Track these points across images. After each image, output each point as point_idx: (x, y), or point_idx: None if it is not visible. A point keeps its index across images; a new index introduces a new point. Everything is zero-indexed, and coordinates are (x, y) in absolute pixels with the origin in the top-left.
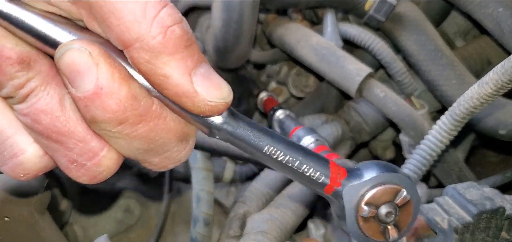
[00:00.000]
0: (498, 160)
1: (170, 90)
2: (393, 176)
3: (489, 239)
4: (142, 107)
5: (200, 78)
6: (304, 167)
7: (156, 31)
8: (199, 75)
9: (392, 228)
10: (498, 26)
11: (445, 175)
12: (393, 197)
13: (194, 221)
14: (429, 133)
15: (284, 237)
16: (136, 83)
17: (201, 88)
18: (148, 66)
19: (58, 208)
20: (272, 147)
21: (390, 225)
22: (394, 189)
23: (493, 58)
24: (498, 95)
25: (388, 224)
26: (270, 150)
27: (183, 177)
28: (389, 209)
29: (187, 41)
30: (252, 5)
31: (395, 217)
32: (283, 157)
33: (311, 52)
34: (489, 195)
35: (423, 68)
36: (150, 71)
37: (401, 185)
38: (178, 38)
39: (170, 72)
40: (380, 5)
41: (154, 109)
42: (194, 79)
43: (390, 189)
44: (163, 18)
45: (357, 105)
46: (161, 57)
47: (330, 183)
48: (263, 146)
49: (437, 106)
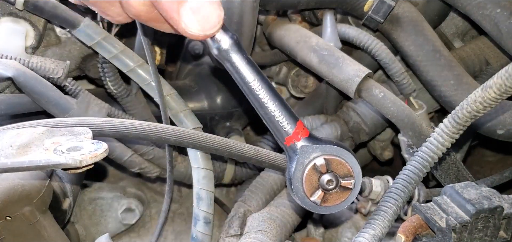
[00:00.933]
0: (496, 160)
1: (161, 10)
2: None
3: (487, 238)
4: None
5: (187, 10)
6: (276, 112)
7: None
8: (187, 8)
9: (320, 195)
10: (496, 27)
11: (443, 175)
12: (343, 175)
13: (194, 220)
14: (431, 135)
15: (284, 236)
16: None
17: (185, 17)
18: None
19: (59, 207)
20: (257, 83)
21: (322, 191)
22: (348, 170)
23: (491, 59)
24: (502, 100)
25: (322, 189)
26: (255, 85)
27: (183, 176)
28: (333, 179)
29: None
30: (252, 6)
31: (332, 189)
32: (262, 96)
33: (311, 53)
34: (487, 195)
35: (421, 69)
36: None
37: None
38: None
39: None
40: (379, 6)
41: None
42: (181, 10)
43: (346, 166)
44: None
45: (356, 106)
46: None
47: (291, 135)
48: (250, 79)
49: (435, 107)
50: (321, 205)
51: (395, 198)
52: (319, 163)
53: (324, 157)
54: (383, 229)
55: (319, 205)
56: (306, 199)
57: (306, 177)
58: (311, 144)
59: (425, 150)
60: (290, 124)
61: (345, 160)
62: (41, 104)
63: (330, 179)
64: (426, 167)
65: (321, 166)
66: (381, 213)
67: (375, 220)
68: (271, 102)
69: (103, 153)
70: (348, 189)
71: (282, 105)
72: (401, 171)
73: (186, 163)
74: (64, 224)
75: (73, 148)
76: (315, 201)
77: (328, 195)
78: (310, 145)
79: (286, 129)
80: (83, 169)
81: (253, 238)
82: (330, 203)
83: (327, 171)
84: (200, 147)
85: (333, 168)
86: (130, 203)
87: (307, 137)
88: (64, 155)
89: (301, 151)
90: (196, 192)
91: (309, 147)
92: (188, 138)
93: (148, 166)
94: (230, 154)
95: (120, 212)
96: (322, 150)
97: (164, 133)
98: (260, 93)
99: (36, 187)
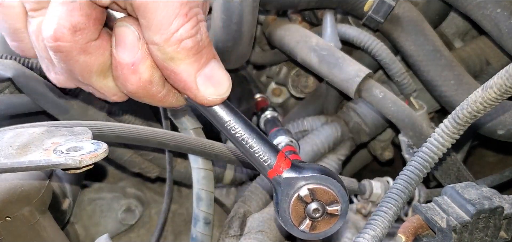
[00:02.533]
0: (496, 160)
1: (177, 83)
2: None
3: (488, 238)
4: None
5: (203, 78)
6: (256, 147)
7: (173, 42)
8: (202, 76)
9: (309, 223)
10: (497, 27)
11: (444, 175)
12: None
13: (194, 220)
14: (431, 136)
15: (283, 236)
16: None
17: (202, 86)
18: (162, 64)
19: (59, 207)
20: (233, 123)
21: (310, 220)
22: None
23: (491, 59)
24: (502, 100)
25: (309, 217)
26: (231, 125)
27: (183, 177)
28: (319, 207)
29: (196, 50)
30: (252, 6)
31: (318, 217)
32: (240, 134)
33: (311, 53)
34: (487, 195)
35: (422, 69)
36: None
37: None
38: (189, 49)
39: (179, 71)
40: (379, 6)
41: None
42: (197, 79)
43: (331, 194)
44: (181, 33)
45: (356, 106)
46: (173, 61)
47: (273, 169)
48: (226, 120)
49: (435, 107)
50: (310, 232)
51: (396, 199)
52: (303, 194)
53: (307, 187)
54: (383, 230)
55: (308, 233)
56: (294, 229)
57: (292, 207)
58: (294, 175)
59: (426, 150)
60: (271, 158)
61: (329, 187)
62: (40, 105)
63: (316, 208)
64: (427, 167)
65: (305, 196)
66: (382, 214)
67: (375, 220)
68: (249, 139)
69: (103, 153)
70: (336, 215)
71: (261, 139)
72: (401, 171)
73: (186, 163)
74: (63, 225)
75: (72, 148)
76: (303, 230)
77: (316, 222)
78: (294, 176)
79: (268, 163)
80: (83, 169)
81: (253, 239)
82: (319, 230)
83: (312, 200)
84: (200, 153)
85: (318, 197)
86: (129, 203)
87: (289, 167)
88: (63, 155)
89: (285, 183)
90: (196, 192)
91: (292, 178)
92: (187, 144)
93: (148, 166)
94: (230, 160)
95: (120, 212)
96: (305, 179)
97: (164, 138)
98: (236, 132)
99: (36, 187)
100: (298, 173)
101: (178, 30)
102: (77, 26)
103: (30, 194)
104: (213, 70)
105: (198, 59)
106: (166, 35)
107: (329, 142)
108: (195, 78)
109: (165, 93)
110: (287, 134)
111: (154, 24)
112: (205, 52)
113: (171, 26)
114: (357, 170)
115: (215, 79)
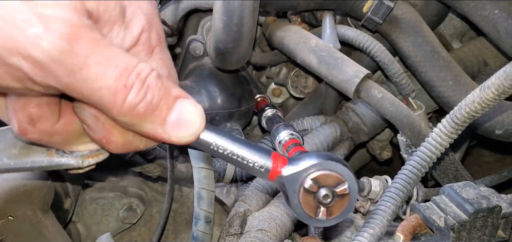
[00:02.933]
0: (494, 160)
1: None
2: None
3: (486, 237)
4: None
5: (171, 126)
6: (247, 158)
7: (125, 113)
8: (169, 124)
9: (324, 210)
10: (495, 28)
11: (442, 175)
12: (335, 185)
13: (195, 219)
14: (430, 135)
15: (283, 235)
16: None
17: (172, 132)
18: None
19: (61, 206)
20: (217, 143)
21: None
22: (337, 177)
23: (489, 60)
24: (500, 100)
25: (322, 205)
26: (216, 146)
27: (184, 176)
28: (328, 193)
29: (152, 109)
30: (252, 7)
31: (331, 202)
32: (228, 151)
33: (310, 54)
34: (485, 194)
35: (420, 70)
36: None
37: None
38: (146, 111)
39: (144, 131)
40: (378, 7)
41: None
42: (166, 128)
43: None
44: (129, 104)
45: (355, 106)
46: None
47: (271, 172)
48: (210, 143)
49: (433, 107)
50: (328, 219)
51: (394, 198)
52: (308, 185)
53: (310, 178)
54: (382, 229)
55: (326, 220)
56: (313, 220)
57: (302, 201)
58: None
59: (424, 150)
60: (266, 161)
61: (331, 170)
62: None
63: (325, 194)
64: (425, 167)
65: (310, 187)
66: (380, 213)
67: (374, 219)
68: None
69: (105, 153)
70: (346, 195)
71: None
72: (400, 170)
73: (187, 163)
74: (65, 224)
75: None
76: (321, 219)
77: (331, 207)
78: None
79: (264, 168)
80: (86, 170)
81: (253, 237)
82: (336, 213)
83: (318, 188)
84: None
85: (323, 183)
86: (131, 202)
87: (287, 164)
88: (66, 156)
89: (288, 181)
90: (196, 192)
91: (293, 174)
92: None
93: (149, 166)
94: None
95: (122, 211)
96: (306, 171)
97: None
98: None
99: (38, 186)
100: (297, 166)
101: (124, 103)
102: (33, 118)
103: (32, 193)
104: (179, 113)
105: (157, 114)
106: (116, 110)
107: (328, 142)
108: (163, 129)
109: (146, 143)
110: (288, 128)
111: (101, 105)
112: (164, 102)
113: (116, 103)
114: (356, 169)
115: (184, 121)
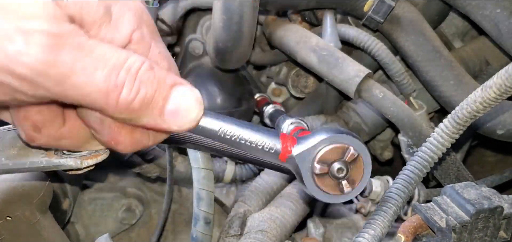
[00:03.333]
0: (496, 160)
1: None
2: (338, 136)
3: (487, 238)
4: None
5: (169, 115)
6: (256, 140)
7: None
8: (167, 114)
9: (346, 183)
10: (496, 27)
11: (443, 175)
12: (342, 155)
13: (194, 220)
14: (431, 135)
15: (284, 236)
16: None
17: (171, 122)
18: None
19: (59, 207)
20: (224, 128)
21: (344, 180)
22: (341, 147)
23: (491, 59)
24: (501, 100)
25: (341, 179)
26: (223, 131)
27: (184, 176)
28: (340, 165)
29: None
30: (252, 6)
31: (347, 172)
32: (235, 136)
33: (311, 53)
34: (487, 195)
35: (421, 69)
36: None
37: (348, 143)
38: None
39: (144, 123)
40: (379, 6)
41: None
42: (165, 119)
43: (337, 147)
44: (123, 101)
45: (356, 106)
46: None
47: (282, 152)
48: (216, 129)
49: (435, 107)
50: (354, 188)
51: (395, 198)
52: (318, 170)
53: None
54: (383, 229)
55: (352, 190)
56: (339, 197)
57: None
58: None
59: (425, 150)
60: (274, 141)
61: (334, 142)
62: None
63: (338, 168)
64: (426, 167)
65: (321, 169)
66: (381, 213)
67: (375, 220)
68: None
69: (104, 154)
70: (357, 158)
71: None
72: (401, 171)
73: (186, 163)
74: (64, 224)
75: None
76: (347, 192)
77: (349, 176)
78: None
79: (274, 149)
80: (84, 170)
81: (253, 238)
82: (357, 180)
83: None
84: (201, 147)
85: (331, 158)
86: (130, 203)
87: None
88: (65, 157)
89: (299, 159)
90: (196, 192)
91: (304, 151)
92: (188, 138)
93: (148, 166)
94: (231, 155)
95: (120, 212)
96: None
97: None
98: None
99: (36, 187)
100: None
101: (118, 101)
102: (37, 125)
103: (31, 194)
104: (176, 101)
105: (154, 106)
106: (111, 110)
107: None
108: (162, 119)
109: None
110: (290, 117)
111: (96, 107)
112: (158, 94)
113: (109, 104)
114: None
115: (182, 109)
